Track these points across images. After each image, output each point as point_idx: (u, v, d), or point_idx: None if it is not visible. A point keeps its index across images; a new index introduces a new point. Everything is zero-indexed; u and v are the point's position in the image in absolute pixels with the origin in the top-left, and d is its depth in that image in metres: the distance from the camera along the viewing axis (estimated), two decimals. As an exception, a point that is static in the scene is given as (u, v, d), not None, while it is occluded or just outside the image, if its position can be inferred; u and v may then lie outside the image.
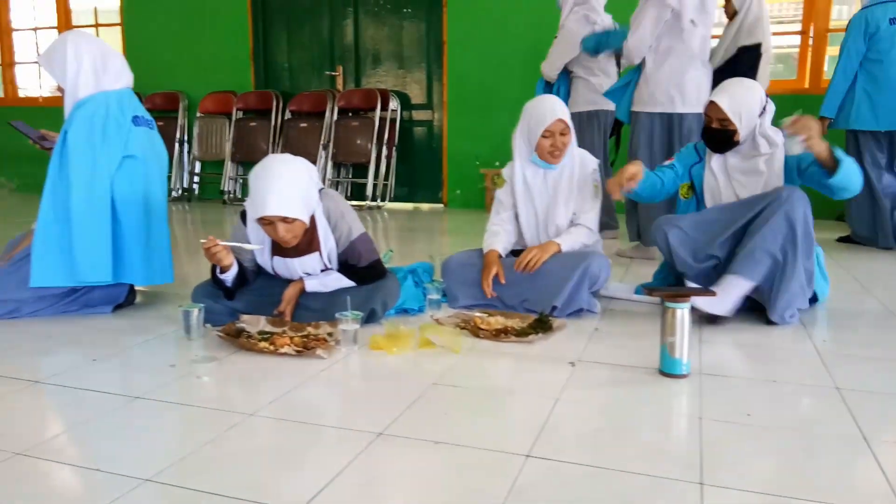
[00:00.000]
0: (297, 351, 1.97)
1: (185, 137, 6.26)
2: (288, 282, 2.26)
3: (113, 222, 2.32)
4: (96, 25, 6.79)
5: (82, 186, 2.27)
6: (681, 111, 3.20)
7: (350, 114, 5.83)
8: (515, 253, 2.55)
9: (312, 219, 2.16)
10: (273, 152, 5.89)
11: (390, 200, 5.76)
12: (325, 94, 5.89)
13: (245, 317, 2.18)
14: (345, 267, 2.26)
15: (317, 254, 2.22)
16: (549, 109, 2.44)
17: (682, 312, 1.76)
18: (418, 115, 5.91)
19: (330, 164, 5.76)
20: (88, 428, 1.50)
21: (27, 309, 2.34)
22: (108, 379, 1.81)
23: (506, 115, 5.31)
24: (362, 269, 2.25)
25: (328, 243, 2.21)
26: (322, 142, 5.75)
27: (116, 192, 2.32)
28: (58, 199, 2.29)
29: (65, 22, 6.80)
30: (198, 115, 6.15)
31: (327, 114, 5.80)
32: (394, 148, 5.71)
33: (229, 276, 2.20)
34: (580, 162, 2.52)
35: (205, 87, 6.19)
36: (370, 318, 2.21)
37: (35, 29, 7.08)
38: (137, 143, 2.38)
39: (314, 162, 5.76)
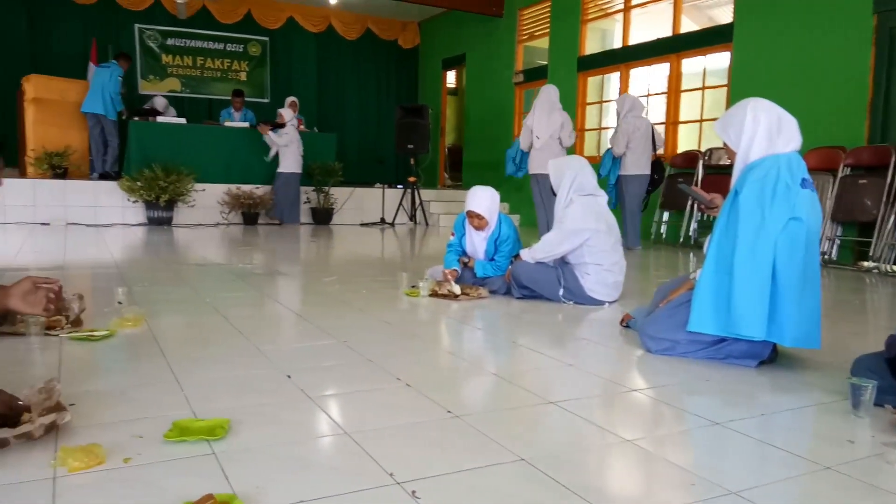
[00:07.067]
0: None
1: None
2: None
3: (771, 281, 2.38)
4: (703, 88, 7.33)
5: (747, 244, 2.40)
6: None
7: None
8: None
9: None
10: (886, 213, 5.24)
11: None
12: (969, 147, 4.91)
13: (920, 405, 1.92)
14: None
15: None
16: None
17: None
18: None
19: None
20: (772, 489, 1.54)
21: (680, 349, 2.60)
22: (784, 438, 1.83)
23: None
24: None
25: None
26: (958, 204, 4.80)
27: (778, 253, 2.38)
28: (722, 254, 2.49)
29: (675, 87, 7.57)
30: (797, 170, 5.94)
31: (970, 171, 4.83)
32: None
33: None
34: None
35: (809, 142, 5.94)
36: None
37: (648, 95, 8.11)
38: (803, 206, 2.39)
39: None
